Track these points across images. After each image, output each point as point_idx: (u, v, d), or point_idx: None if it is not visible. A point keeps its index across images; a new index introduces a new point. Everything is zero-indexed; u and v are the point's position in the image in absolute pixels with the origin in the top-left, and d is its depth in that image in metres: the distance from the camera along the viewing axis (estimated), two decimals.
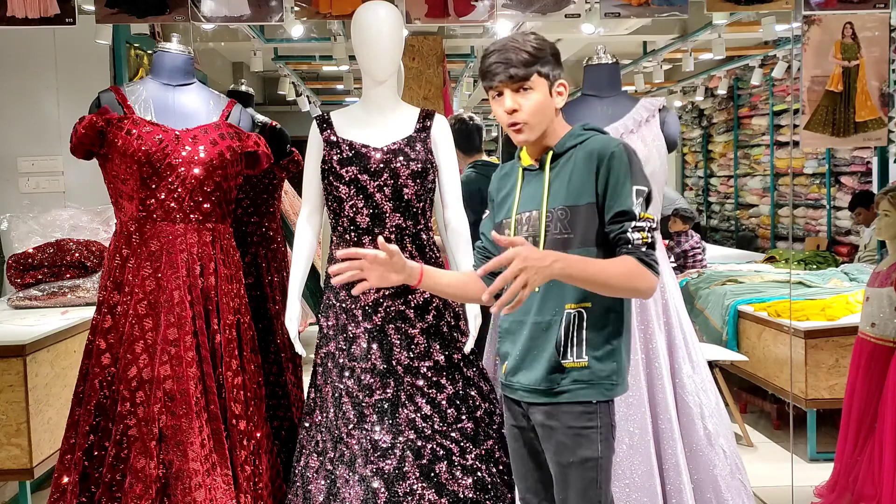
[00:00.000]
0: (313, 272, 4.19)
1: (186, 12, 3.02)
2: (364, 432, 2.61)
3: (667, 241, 5.89)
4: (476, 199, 3.33)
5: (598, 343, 2.01)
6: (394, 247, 2.00)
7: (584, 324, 2.00)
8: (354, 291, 2.02)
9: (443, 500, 2.57)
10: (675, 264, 6.20)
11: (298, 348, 2.81)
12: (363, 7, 2.73)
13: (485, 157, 4.20)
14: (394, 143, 2.71)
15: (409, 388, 2.65)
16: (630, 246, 1.93)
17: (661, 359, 2.64)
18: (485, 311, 3.20)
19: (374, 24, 2.68)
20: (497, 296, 1.82)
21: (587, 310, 2.00)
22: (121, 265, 2.70)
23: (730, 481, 2.63)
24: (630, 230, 1.93)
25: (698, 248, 6.31)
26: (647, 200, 1.97)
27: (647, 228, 1.94)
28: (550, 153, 2.06)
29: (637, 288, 1.93)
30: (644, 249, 1.93)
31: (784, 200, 8.39)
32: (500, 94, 2.04)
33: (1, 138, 4.79)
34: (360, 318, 2.67)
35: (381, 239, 1.98)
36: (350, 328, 2.69)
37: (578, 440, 2.00)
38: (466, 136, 4.13)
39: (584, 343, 2.00)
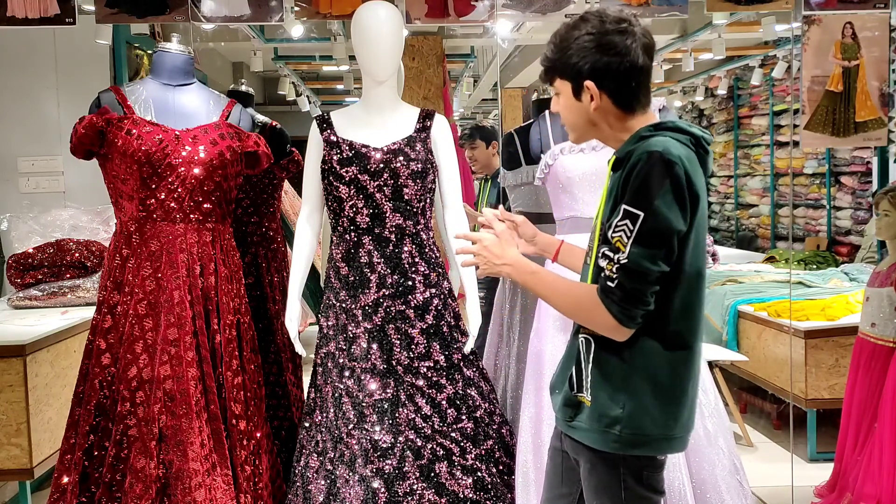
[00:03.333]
0: (313, 272, 4.18)
1: (186, 12, 3.02)
2: (364, 432, 2.61)
3: None
4: None
5: (603, 380, 1.70)
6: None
7: (591, 354, 1.72)
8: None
9: (443, 500, 2.57)
10: None
11: (298, 348, 2.81)
12: (363, 7, 2.73)
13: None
14: (394, 143, 2.71)
15: (409, 388, 2.65)
16: (601, 276, 1.64)
17: None
18: (485, 312, 3.19)
19: (375, 25, 2.68)
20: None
21: (594, 338, 1.72)
22: (121, 265, 2.70)
23: (729, 481, 2.63)
24: (600, 256, 1.65)
25: (709, 250, 6.31)
26: (644, 232, 1.58)
27: (615, 260, 1.61)
28: (613, 159, 1.74)
29: (592, 324, 1.68)
30: (609, 284, 1.62)
31: (784, 200, 8.39)
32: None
33: (1, 138, 4.79)
34: (360, 318, 2.67)
35: (486, 210, 1.99)
36: (350, 328, 2.69)
37: (599, 485, 1.75)
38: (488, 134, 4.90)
39: (589, 377, 1.72)
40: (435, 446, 2.61)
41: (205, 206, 2.72)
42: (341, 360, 2.70)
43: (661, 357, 1.68)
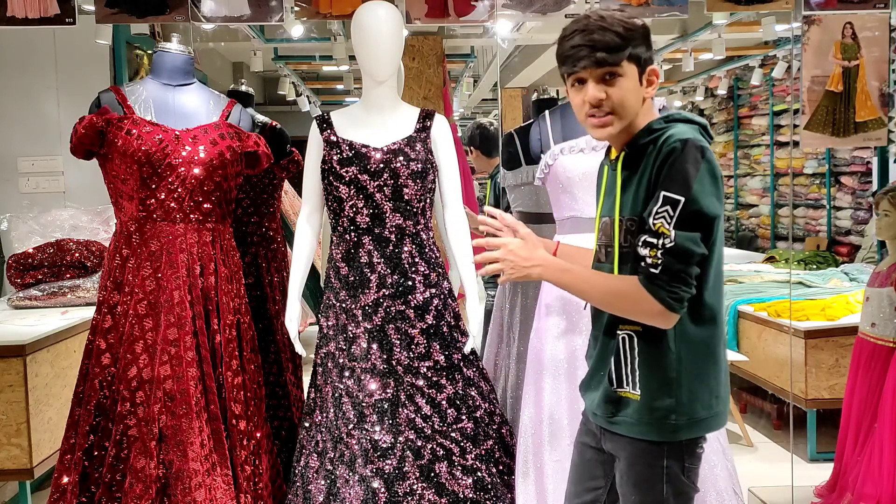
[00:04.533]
0: (313, 272, 4.18)
1: (186, 12, 3.02)
2: (364, 432, 2.61)
3: None
4: None
5: (652, 373, 1.74)
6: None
7: (636, 349, 1.75)
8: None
9: (443, 500, 2.57)
10: None
11: (298, 348, 2.81)
12: (363, 7, 2.73)
13: None
14: (394, 143, 2.71)
15: (409, 388, 2.64)
16: (641, 263, 1.68)
17: None
18: (485, 312, 3.19)
19: (374, 25, 2.68)
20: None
21: (637, 333, 1.75)
22: (121, 265, 2.70)
23: (727, 481, 2.63)
24: (640, 244, 1.68)
25: None
26: (685, 216, 1.63)
27: (658, 246, 1.65)
28: (623, 155, 1.79)
29: (638, 315, 1.70)
30: (653, 271, 1.65)
31: (784, 200, 8.38)
32: (582, 81, 1.77)
33: (1, 138, 4.79)
34: (360, 318, 2.67)
35: (488, 208, 1.97)
36: (350, 328, 2.69)
37: (640, 479, 1.77)
38: (487, 140, 4.56)
39: (636, 371, 1.75)
40: (435, 446, 2.61)
41: (205, 206, 2.72)
42: (341, 360, 2.70)
43: (699, 339, 1.73)
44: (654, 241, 1.65)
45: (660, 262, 1.64)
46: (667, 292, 1.65)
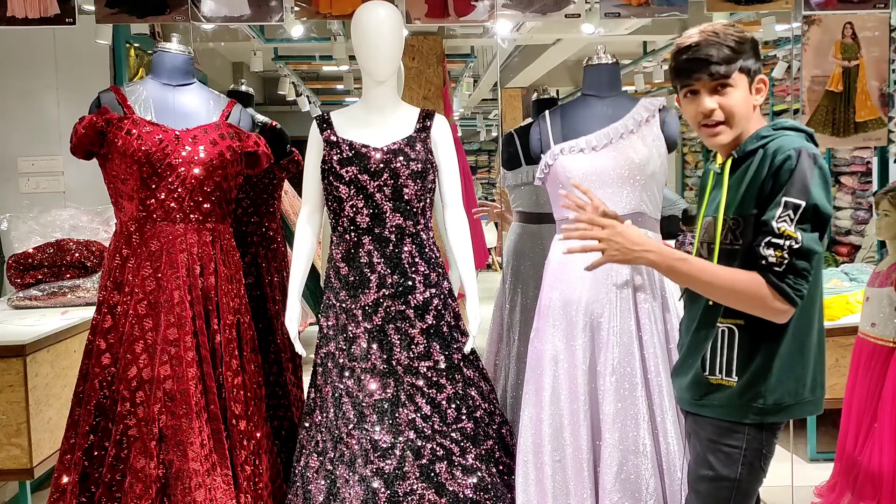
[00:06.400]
0: (313, 272, 4.19)
1: (186, 12, 3.02)
2: (364, 432, 2.61)
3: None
4: None
5: (748, 363, 1.86)
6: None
7: (735, 342, 1.87)
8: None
9: (443, 500, 2.57)
10: None
11: (298, 348, 2.81)
12: (363, 7, 2.73)
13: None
14: (394, 143, 2.71)
15: (409, 388, 2.64)
16: (763, 262, 1.76)
17: (658, 356, 2.64)
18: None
19: (374, 25, 2.68)
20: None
21: (739, 327, 1.86)
22: (121, 265, 2.70)
23: None
24: (763, 245, 1.76)
25: None
26: (807, 218, 1.75)
27: (785, 248, 1.74)
28: (731, 159, 1.90)
29: (758, 310, 1.80)
30: (778, 269, 1.75)
31: None
32: (695, 92, 1.88)
33: (1, 138, 4.79)
34: (360, 318, 2.67)
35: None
36: (350, 328, 2.69)
37: (717, 455, 1.89)
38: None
39: (733, 361, 1.87)
40: (435, 446, 2.61)
41: (205, 206, 2.72)
42: (341, 360, 2.70)
43: (795, 330, 1.85)
44: (780, 241, 1.75)
45: (786, 261, 1.75)
46: (793, 289, 1.76)
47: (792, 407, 1.88)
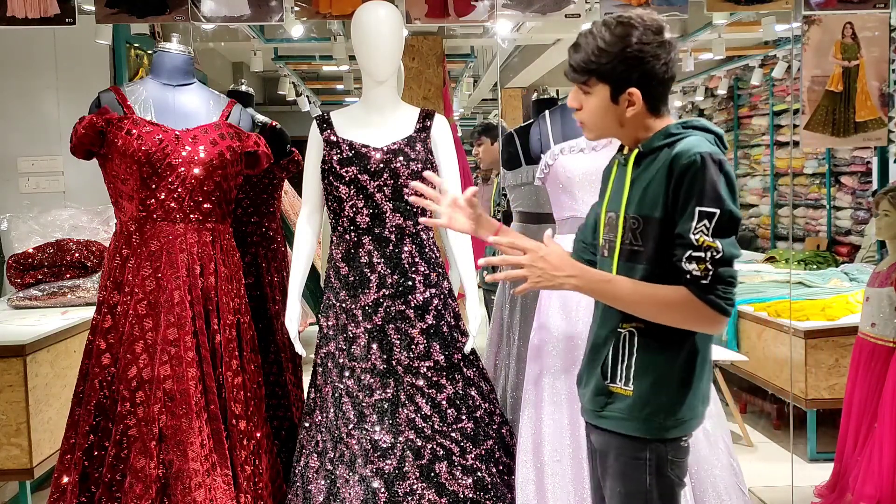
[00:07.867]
0: (313, 272, 4.18)
1: (186, 12, 3.02)
2: (364, 432, 2.61)
3: None
4: None
5: (648, 371, 1.78)
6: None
7: (635, 347, 1.79)
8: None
9: (443, 500, 2.57)
10: None
11: (298, 348, 2.81)
12: (363, 7, 2.73)
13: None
14: (394, 143, 2.71)
15: (409, 388, 2.64)
16: (688, 276, 1.70)
17: None
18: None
19: (374, 25, 2.68)
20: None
21: (639, 331, 1.79)
22: (121, 265, 2.70)
23: (728, 481, 2.63)
24: (685, 260, 1.70)
25: None
26: (722, 225, 1.69)
27: (707, 259, 1.68)
28: (636, 152, 1.83)
29: (692, 324, 1.73)
30: (704, 283, 1.68)
31: (784, 200, 8.38)
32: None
33: (1, 138, 4.79)
34: (360, 318, 2.67)
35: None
36: (350, 328, 2.69)
37: (624, 471, 1.82)
38: (490, 129, 5.17)
39: (632, 368, 1.79)
40: (435, 446, 2.61)
41: (205, 206, 2.72)
42: (341, 360, 2.70)
43: (694, 341, 1.78)
44: (701, 254, 1.69)
45: (710, 272, 1.69)
46: (722, 299, 1.70)
47: (691, 421, 1.81)
